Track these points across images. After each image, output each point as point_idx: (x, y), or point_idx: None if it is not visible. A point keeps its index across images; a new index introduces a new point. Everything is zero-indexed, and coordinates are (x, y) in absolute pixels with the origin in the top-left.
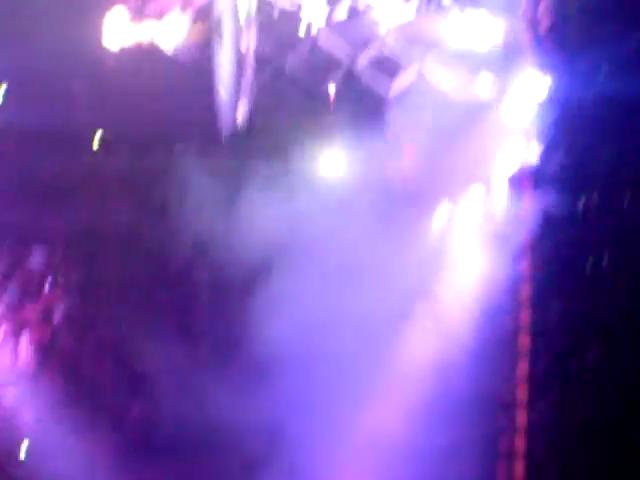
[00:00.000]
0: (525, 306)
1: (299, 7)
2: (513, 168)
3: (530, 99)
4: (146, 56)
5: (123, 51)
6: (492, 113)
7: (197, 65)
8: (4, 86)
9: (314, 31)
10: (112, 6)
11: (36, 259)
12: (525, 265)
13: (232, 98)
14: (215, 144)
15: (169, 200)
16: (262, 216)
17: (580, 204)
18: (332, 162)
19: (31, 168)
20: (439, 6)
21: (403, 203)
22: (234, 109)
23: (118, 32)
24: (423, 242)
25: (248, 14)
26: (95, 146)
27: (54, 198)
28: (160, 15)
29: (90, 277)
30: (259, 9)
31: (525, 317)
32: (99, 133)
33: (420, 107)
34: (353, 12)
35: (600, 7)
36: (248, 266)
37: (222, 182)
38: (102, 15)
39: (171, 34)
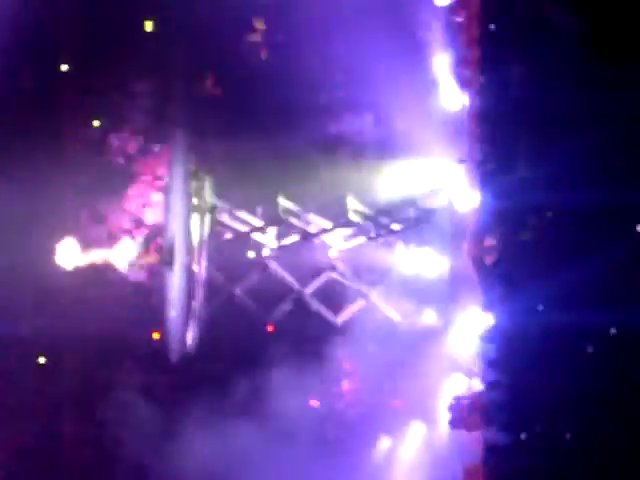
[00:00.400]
0: None
1: (252, 228)
2: (455, 405)
3: (473, 333)
4: (97, 273)
5: (75, 269)
6: (436, 345)
7: (148, 285)
8: None
9: (265, 252)
10: (63, 235)
11: None
12: None
13: (182, 321)
14: (163, 365)
15: (112, 419)
16: (201, 445)
17: (522, 438)
18: (279, 393)
19: None
20: (387, 235)
21: (344, 434)
22: (183, 332)
23: (69, 258)
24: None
25: (201, 237)
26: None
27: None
28: (111, 240)
29: None
30: (212, 230)
31: None
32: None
33: (366, 335)
34: (304, 234)
35: (538, 243)
36: None
37: (163, 409)
38: (54, 239)
39: (123, 257)
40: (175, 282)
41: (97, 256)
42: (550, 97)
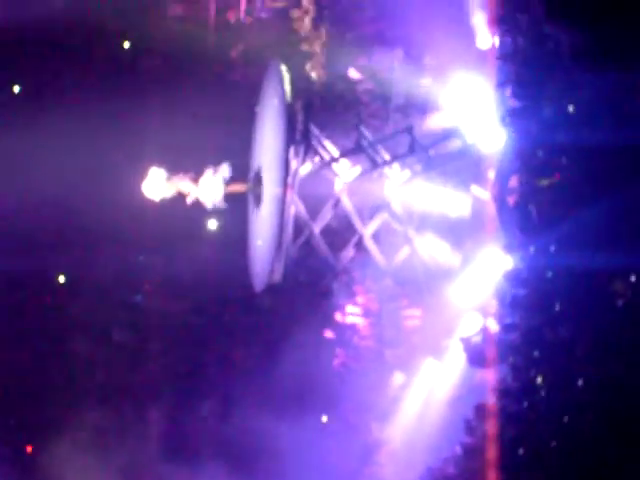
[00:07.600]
0: None
1: (331, 158)
2: (469, 344)
3: (491, 274)
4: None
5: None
6: (454, 284)
7: (230, 217)
8: None
9: (337, 187)
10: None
11: None
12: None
13: (270, 252)
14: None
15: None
16: None
17: (535, 381)
18: None
19: None
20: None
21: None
22: (270, 262)
23: (156, 189)
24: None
25: (293, 168)
26: None
27: None
28: (195, 177)
29: None
30: (304, 161)
31: None
32: None
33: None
34: (371, 165)
35: (560, 185)
36: None
37: None
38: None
39: (208, 187)
40: (264, 211)
41: (182, 187)
42: (578, 37)
